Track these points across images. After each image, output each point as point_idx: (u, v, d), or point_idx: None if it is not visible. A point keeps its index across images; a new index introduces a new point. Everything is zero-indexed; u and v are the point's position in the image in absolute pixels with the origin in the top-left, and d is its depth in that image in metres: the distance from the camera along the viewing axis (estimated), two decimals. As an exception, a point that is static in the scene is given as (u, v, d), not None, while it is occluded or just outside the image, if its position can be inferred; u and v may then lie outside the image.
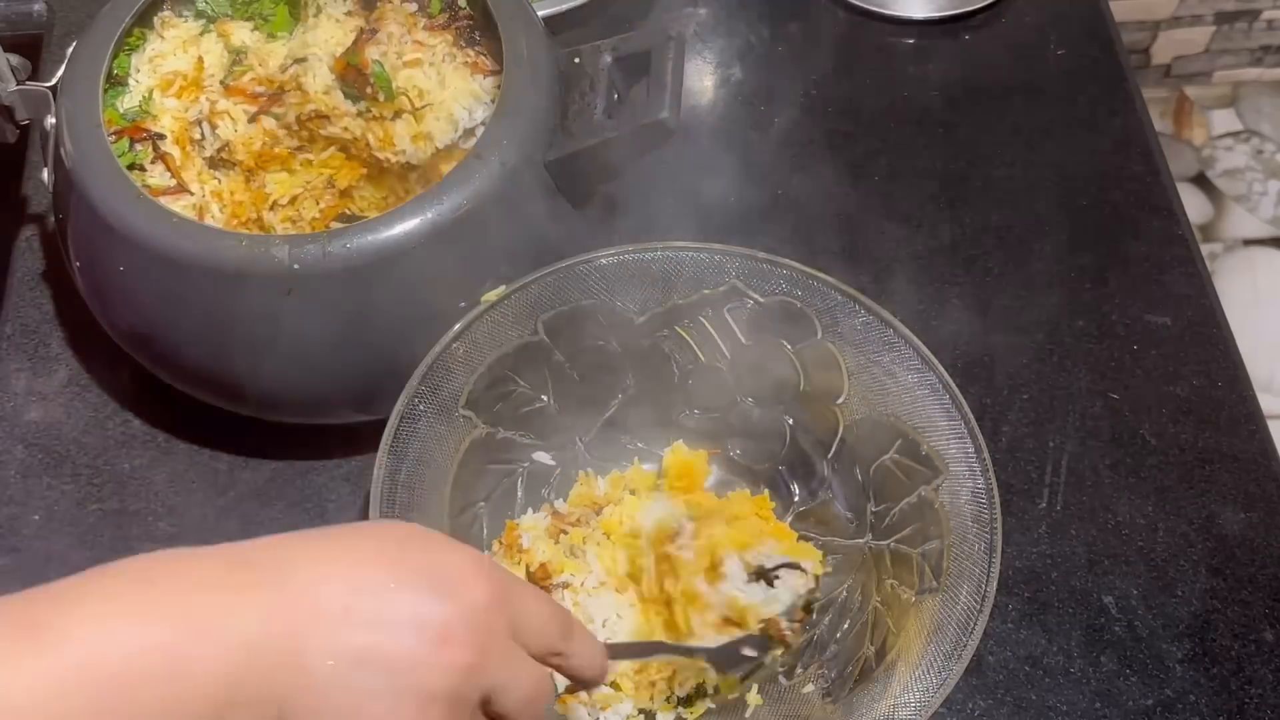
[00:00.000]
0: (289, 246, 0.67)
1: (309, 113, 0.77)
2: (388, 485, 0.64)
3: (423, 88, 0.76)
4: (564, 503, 0.75)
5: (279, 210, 0.78)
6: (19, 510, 0.79)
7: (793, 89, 1.00)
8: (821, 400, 0.73)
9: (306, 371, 0.72)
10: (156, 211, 0.70)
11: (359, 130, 0.76)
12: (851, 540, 0.72)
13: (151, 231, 0.69)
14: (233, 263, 0.67)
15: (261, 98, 0.79)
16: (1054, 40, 1.02)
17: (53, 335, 0.86)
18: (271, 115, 0.78)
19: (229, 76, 0.80)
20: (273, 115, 0.78)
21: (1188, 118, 1.98)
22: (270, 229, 0.77)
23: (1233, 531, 0.78)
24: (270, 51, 0.81)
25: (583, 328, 0.73)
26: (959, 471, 0.66)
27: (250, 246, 0.68)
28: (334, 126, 0.77)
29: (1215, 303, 0.88)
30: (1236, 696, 0.72)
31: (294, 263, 0.67)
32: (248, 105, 0.78)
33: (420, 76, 0.76)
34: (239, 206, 0.77)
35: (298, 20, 0.82)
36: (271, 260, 0.67)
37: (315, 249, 0.67)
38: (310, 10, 0.82)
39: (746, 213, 0.92)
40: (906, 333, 0.69)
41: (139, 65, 0.79)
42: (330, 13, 0.81)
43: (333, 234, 0.68)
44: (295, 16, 0.82)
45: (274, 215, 0.77)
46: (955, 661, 0.59)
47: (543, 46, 0.77)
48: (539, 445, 0.76)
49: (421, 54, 0.77)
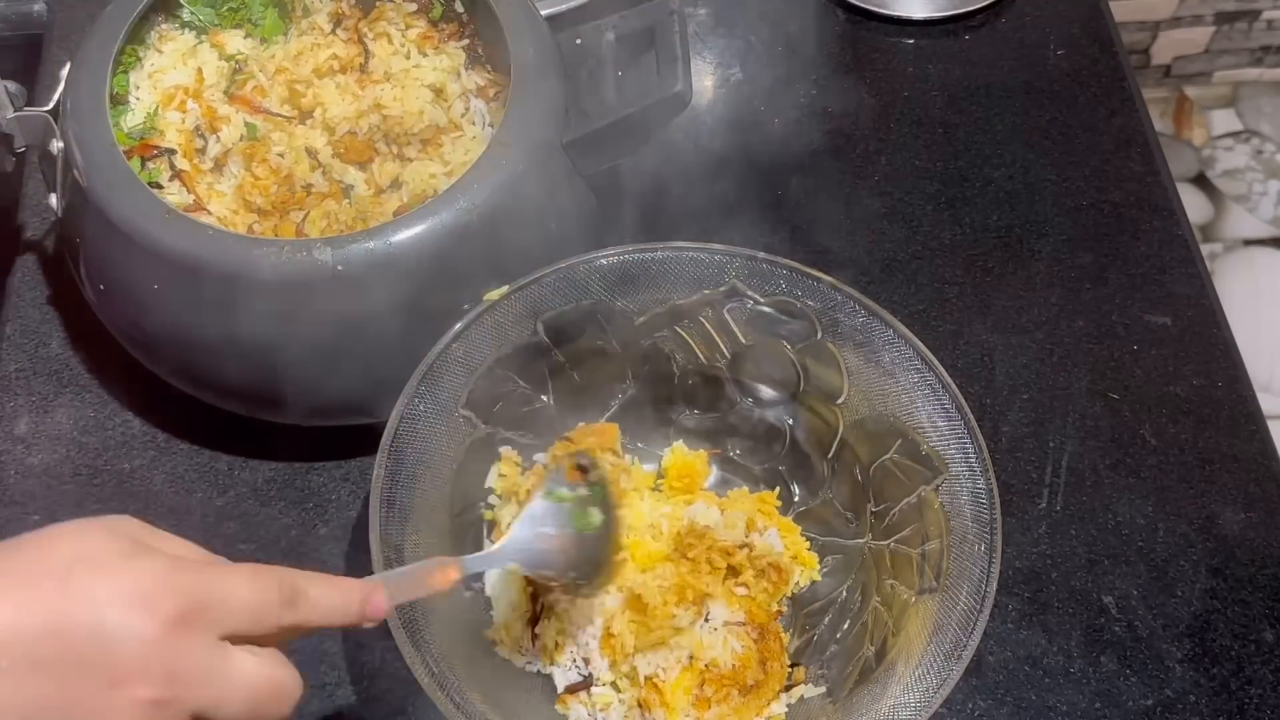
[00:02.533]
0: (331, 249, 0.67)
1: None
2: (388, 485, 0.64)
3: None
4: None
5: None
6: (19, 510, 0.79)
7: (793, 89, 1.00)
8: (821, 400, 0.73)
9: (338, 372, 0.72)
10: (191, 227, 0.69)
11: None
12: (851, 540, 0.72)
13: (188, 248, 0.68)
14: (275, 270, 0.67)
15: (264, 111, 0.79)
16: (1054, 40, 1.03)
17: (52, 335, 0.86)
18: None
19: (232, 86, 0.80)
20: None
21: (1188, 118, 1.98)
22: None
23: (1233, 531, 0.78)
24: (269, 57, 0.81)
25: (583, 328, 0.73)
26: (959, 472, 0.66)
27: (292, 252, 0.67)
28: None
29: (1215, 303, 0.88)
30: (1236, 696, 0.72)
31: (338, 264, 0.67)
32: (249, 115, 0.78)
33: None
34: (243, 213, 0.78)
35: (288, 22, 0.82)
36: (315, 263, 0.67)
37: (357, 248, 0.67)
38: (299, 12, 0.82)
39: (746, 213, 0.92)
40: (906, 333, 0.69)
41: (138, 82, 0.78)
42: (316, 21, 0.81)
43: (371, 232, 0.68)
44: (285, 19, 0.82)
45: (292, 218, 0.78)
46: (955, 662, 0.59)
47: (544, 30, 0.77)
48: (539, 445, 0.76)
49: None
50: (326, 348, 0.70)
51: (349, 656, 0.74)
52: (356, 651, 0.74)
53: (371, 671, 0.73)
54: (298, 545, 0.78)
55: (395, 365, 0.69)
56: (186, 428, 0.82)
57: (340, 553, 0.77)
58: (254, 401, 0.76)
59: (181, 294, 0.70)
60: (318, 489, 0.80)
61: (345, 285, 0.68)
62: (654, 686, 0.66)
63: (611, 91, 0.73)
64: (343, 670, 0.73)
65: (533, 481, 0.72)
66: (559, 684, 0.69)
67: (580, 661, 0.68)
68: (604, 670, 0.68)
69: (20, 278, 0.88)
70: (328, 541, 0.78)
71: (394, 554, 0.62)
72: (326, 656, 0.74)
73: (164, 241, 0.69)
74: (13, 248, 0.90)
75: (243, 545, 0.78)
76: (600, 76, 0.74)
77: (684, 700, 0.65)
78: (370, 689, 0.73)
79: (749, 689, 0.66)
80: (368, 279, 0.68)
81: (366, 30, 0.82)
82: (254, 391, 0.74)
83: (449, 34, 0.82)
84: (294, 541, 0.78)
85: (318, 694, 0.72)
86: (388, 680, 0.73)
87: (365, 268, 0.67)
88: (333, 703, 0.72)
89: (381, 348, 0.71)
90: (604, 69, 0.74)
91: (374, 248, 0.67)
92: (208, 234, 0.69)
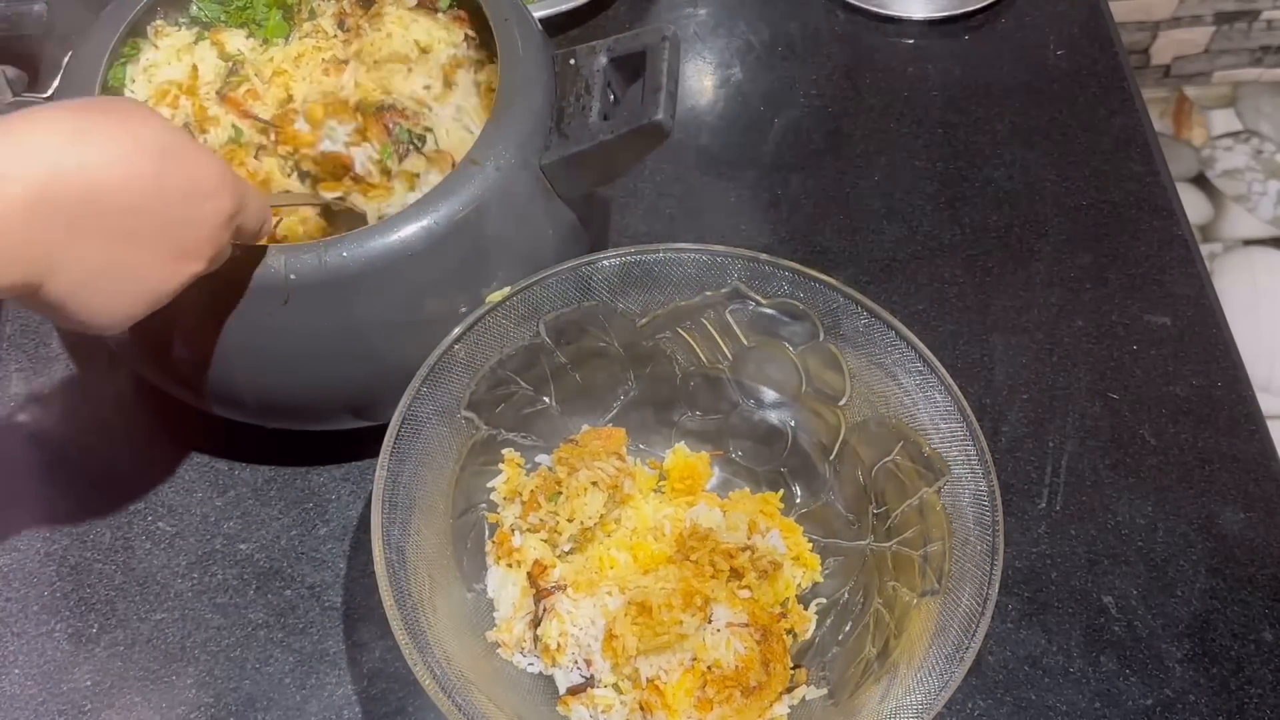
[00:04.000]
0: (285, 257, 0.67)
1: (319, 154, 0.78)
2: (389, 486, 0.64)
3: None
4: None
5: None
6: (19, 510, 0.79)
7: (793, 89, 1.00)
8: (823, 402, 0.73)
9: (304, 380, 0.71)
10: None
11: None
12: (853, 542, 0.72)
13: None
14: (228, 274, 0.66)
15: (254, 118, 0.78)
16: (1054, 40, 1.03)
17: (52, 335, 0.86)
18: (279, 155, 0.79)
19: (226, 86, 0.79)
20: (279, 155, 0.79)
21: (1187, 118, 1.99)
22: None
23: (1233, 531, 0.78)
24: (266, 60, 0.81)
25: (585, 330, 0.73)
26: (961, 474, 0.66)
27: (245, 257, 0.67)
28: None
29: (1215, 303, 0.88)
30: (1236, 696, 0.72)
31: (290, 272, 0.67)
32: (238, 119, 0.78)
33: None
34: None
35: (292, 25, 0.82)
36: (267, 271, 0.67)
37: (311, 258, 0.67)
38: (304, 14, 0.82)
39: (747, 213, 0.92)
40: (909, 334, 0.69)
41: (134, 76, 0.78)
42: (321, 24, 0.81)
43: (328, 243, 0.67)
44: (289, 21, 0.82)
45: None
46: (957, 664, 0.59)
47: (538, 48, 0.76)
48: (541, 447, 0.76)
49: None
50: (283, 354, 0.70)
51: (349, 656, 0.74)
52: (356, 651, 0.74)
53: (371, 672, 0.73)
54: (298, 545, 0.78)
55: (359, 376, 0.70)
56: (186, 428, 0.82)
57: (341, 553, 0.77)
58: (220, 402, 0.75)
59: None
60: (318, 489, 0.80)
61: (298, 294, 0.67)
62: (656, 688, 0.66)
63: (596, 116, 0.72)
64: (343, 670, 0.73)
65: (537, 483, 0.72)
66: (560, 685, 0.69)
67: (582, 663, 0.68)
68: (605, 672, 0.68)
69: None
70: (328, 541, 0.78)
71: (396, 555, 0.62)
72: (326, 656, 0.74)
73: None
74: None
75: (243, 545, 0.78)
76: (587, 100, 0.73)
77: (686, 702, 0.65)
78: (370, 689, 0.73)
79: (751, 690, 0.66)
80: (321, 290, 0.67)
81: (365, 26, 0.82)
82: (216, 392, 0.74)
83: (452, 17, 0.82)
84: (294, 541, 0.78)
85: (317, 694, 0.72)
86: (387, 680, 0.73)
87: (318, 278, 0.67)
88: (333, 703, 0.72)
89: (344, 357, 0.70)
90: (593, 92, 0.73)
91: (329, 259, 0.66)
92: None
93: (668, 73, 0.70)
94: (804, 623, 0.70)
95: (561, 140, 0.72)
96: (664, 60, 0.70)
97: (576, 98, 0.74)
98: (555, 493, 0.71)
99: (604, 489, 0.71)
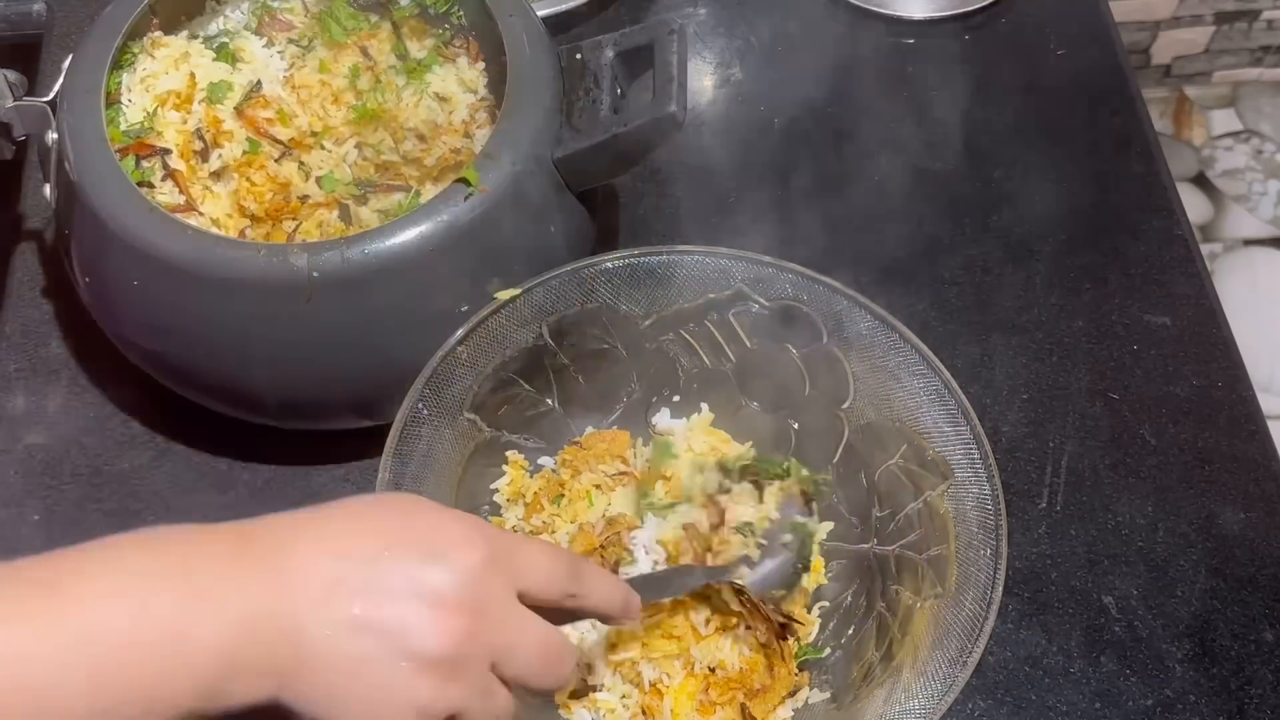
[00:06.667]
0: (308, 255, 0.67)
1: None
2: (391, 487, 0.64)
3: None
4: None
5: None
6: (19, 510, 0.79)
7: (792, 89, 1.00)
8: (826, 405, 0.73)
9: (317, 377, 0.72)
10: (171, 225, 0.69)
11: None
12: (856, 545, 0.72)
13: (167, 245, 0.68)
14: (251, 273, 0.67)
15: (269, 136, 0.78)
16: (1054, 40, 1.02)
17: (52, 336, 0.86)
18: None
19: (244, 102, 0.79)
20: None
21: (1188, 118, 1.99)
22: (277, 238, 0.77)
23: (1233, 531, 0.79)
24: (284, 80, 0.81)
25: (588, 331, 0.73)
26: (964, 477, 0.65)
27: (269, 256, 0.67)
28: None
29: (1215, 303, 0.88)
30: (1236, 696, 0.73)
31: (313, 270, 0.67)
32: (253, 135, 0.78)
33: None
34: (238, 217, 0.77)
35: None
36: (290, 269, 0.67)
37: (334, 255, 0.67)
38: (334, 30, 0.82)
39: (748, 215, 0.92)
40: (912, 337, 0.69)
41: (130, 85, 0.78)
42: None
43: (350, 240, 0.68)
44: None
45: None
46: (961, 668, 0.59)
47: (544, 44, 0.76)
48: (544, 449, 0.76)
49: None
50: (302, 353, 0.70)
51: (352, 658, 0.74)
52: (359, 653, 0.74)
53: (375, 674, 0.73)
54: (300, 547, 0.78)
55: (371, 374, 0.70)
56: (186, 428, 0.82)
57: (343, 554, 0.77)
58: (233, 402, 0.76)
59: (159, 291, 0.70)
60: (318, 490, 0.80)
61: (321, 291, 0.67)
62: (658, 692, 0.66)
63: (606, 109, 0.73)
64: (346, 672, 0.73)
65: (540, 485, 0.72)
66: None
67: (583, 666, 0.68)
68: (607, 675, 0.68)
69: (20, 277, 0.88)
70: (330, 543, 0.78)
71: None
72: (330, 658, 0.74)
73: (142, 237, 0.69)
74: (13, 237, 0.90)
75: (245, 547, 0.78)
76: (597, 94, 0.74)
77: (688, 705, 0.65)
78: (374, 691, 0.73)
79: (754, 694, 0.66)
80: (343, 287, 0.68)
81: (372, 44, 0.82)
82: (231, 392, 0.74)
83: (471, 54, 0.82)
84: (296, 543, 0.78)
85: (321, 696, 0.72)
86: (391, 682, 0.73)
87: (341, 275, 0.67)
88: (336, 705, 0.72)
89: (359, 355, 0.71)
90: (601, 86, 0.73)
91: (350, 256, 0.67)
92: (186, 233, 0.69)
93: (677, 65, 0.70)
94: (807, 626, 0.70)
95: (574, 134, 0.73)
96: (673, 53, 0.71)
97: (585, 92, 0.74)
98: (558, 495, 0.72)
99: (607, 492, 0.71)
